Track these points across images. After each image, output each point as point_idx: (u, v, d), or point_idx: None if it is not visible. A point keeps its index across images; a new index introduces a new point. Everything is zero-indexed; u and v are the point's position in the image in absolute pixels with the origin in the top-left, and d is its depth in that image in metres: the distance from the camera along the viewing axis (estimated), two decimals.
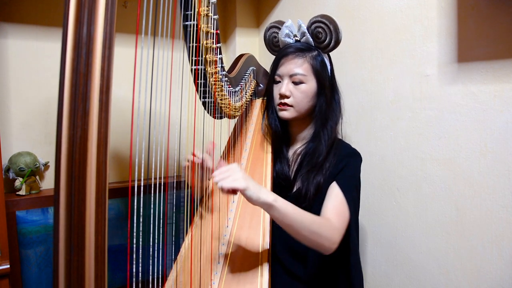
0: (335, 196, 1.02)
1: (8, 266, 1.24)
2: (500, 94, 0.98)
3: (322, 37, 1.11)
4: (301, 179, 1.11)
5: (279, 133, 1.20)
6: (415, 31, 1.19)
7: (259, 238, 1.00)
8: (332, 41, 1.11)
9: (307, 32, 1.12)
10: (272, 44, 1.25)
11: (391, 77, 1.29)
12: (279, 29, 1.19)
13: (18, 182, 1.48)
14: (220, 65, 1.00)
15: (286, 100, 1.11)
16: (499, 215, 1.00)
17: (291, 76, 1.11)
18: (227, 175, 0.81)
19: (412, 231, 1.24)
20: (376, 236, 1.38)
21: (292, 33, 1.16)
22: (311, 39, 1.13)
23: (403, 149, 1.26)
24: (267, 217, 1.04)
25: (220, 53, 0.98)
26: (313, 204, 1.07)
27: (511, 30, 0.95)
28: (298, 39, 1.15)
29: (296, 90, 1.11)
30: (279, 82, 1.14)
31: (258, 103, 1.46)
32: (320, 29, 1.10)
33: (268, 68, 1.33)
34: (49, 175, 1.64)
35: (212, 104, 1.04)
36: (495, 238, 1.01)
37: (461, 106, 1.08)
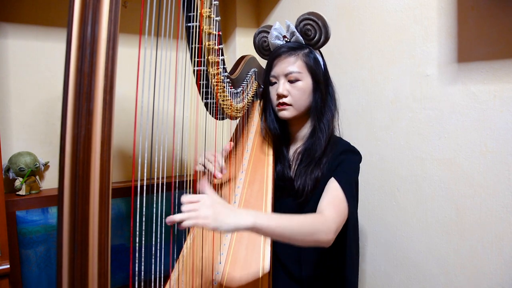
0: (332, 189, 1.00)
1: (8, 266, 1.24)
2: (500, 94, 0.99)
3: (312, 34, 1.12)
4: (299, 174, 1.11)
5: (278, 135, 1.21)
6: (415, 31, 1.20)
7: (261, 238, 1.00)
8: (322, 37, 1.12)
9: (296, 31, 1.13)
10: (262, 48, 1.27)
11: (391, 77, 1.29)
12: (268, 33, 1.20)
13: (18, 182, 1.48)
14: (222, 67, 1.00)
15: (284, 100, 1.11)
16: (499, 215, 1.00)
17: (286, 75, 1.11)
18: (194, 214, 0.72)
19: (412, 231, 1.24)
20: (376, 236, 1.38)
21: (281, 35, 1.16)
22: (301, 38, 1.13)
23: (403, 149, 1.26)
24: None
25: (222, 55, 0.99)
26: (310, 199, 1.07)
27: (511, 30, 0.96)
28: (288, 39, 1.16)
29: (293, 88, 1.11)
30: (275, 83, 1.15)
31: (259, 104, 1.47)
32: (309, 26, 1.11)
33: None
34: (49, 175, 1.64)
35: (214, 105, 1.04)
36: (495, 238, 1.01)
37: (461, 106, 1.08)
